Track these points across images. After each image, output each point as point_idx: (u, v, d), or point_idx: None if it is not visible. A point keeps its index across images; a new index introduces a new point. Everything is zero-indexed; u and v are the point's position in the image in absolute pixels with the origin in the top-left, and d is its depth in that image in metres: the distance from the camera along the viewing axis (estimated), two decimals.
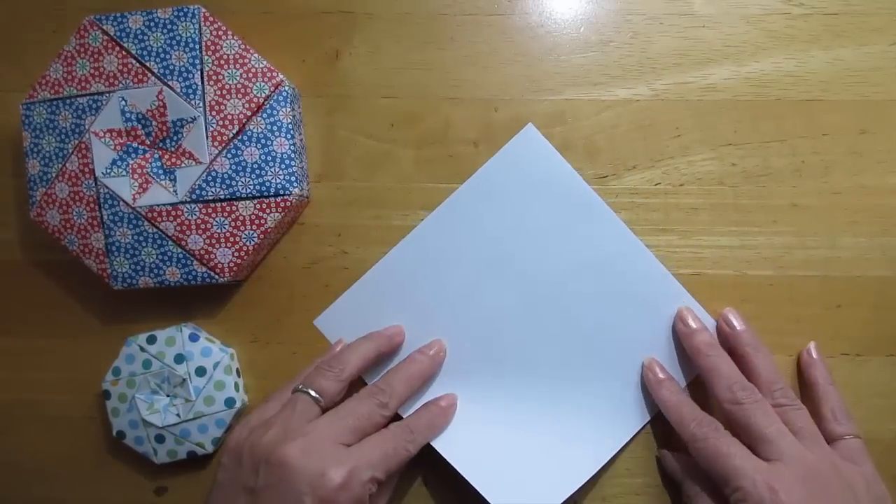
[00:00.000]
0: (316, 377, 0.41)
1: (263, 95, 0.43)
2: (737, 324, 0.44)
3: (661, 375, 0.44)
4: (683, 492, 0.43)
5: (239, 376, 0.47)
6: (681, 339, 0.44)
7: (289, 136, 0.44)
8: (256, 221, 0.44)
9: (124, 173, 0.44)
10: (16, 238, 0.49)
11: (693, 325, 0.44)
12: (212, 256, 0.44)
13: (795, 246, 0.46)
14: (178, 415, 0.45)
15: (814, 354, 0.45)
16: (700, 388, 0.45)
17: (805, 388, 0.45)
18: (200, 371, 0.45)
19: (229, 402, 0.45)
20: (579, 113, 0.47)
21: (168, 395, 0.45)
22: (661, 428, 0.46)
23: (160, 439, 0.45)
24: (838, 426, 0.42)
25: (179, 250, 0.44)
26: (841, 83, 0.46)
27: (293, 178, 0.44)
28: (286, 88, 0.44)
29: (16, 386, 0.49)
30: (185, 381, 0.45)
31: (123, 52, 0.44)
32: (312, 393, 0.41)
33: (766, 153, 0.46)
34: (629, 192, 0.47)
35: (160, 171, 0.44)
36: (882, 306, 0.46)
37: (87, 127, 0.44)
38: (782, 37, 0.46)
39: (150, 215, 0.44)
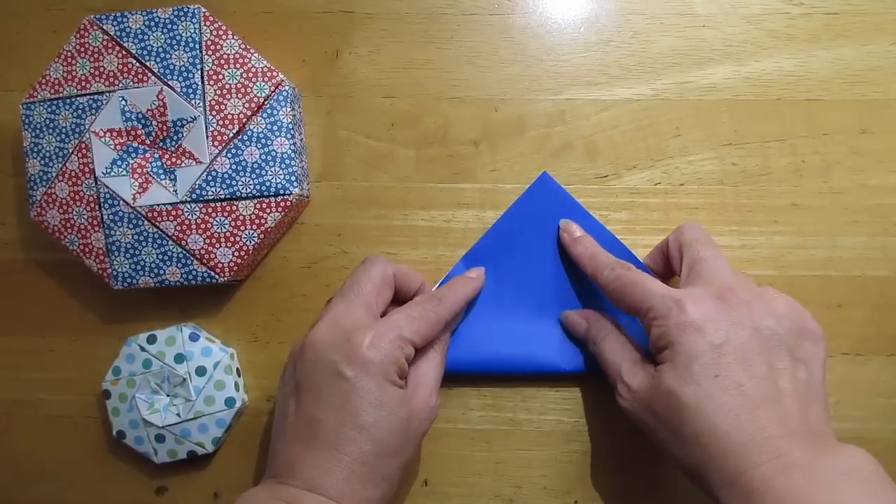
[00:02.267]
0: None
1: (263, 95, 0.43)
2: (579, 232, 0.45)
3: (576, 234, 0.45)
4: (589, 340, 0.43)
5: (239, 376, 0.47)
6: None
7: (289, 135, 0.44)
8: (256, 221, 0.44)
9: (124, 173, 0.44)
10: (16, 238, 0.49)
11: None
12: (212, 256, 0.44)
13: (796, 246, 0.46)
14: (178, 414, 0.45)
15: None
16: None
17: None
18: (201, 371, 0.45)
19: (229, 402, 0.45)
20: (579, 113, 0.47)
21: (168, 395, 0.45)
22: None
23: (160, 439, 0.45)
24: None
25: (180, 250, 0.44)
26: (841, 83, 0.46)
27: (293, 178, 0.44)
28: (286, 88, 0.44)
29: (16, 386, 0.49)
30: (185, 380, 0.45)
31: (123, 52, 0.44)
32: None
33: (766, 153, 0.46)
34: (629, 191, 0.46)
35: (160, 171, 0.44)
36: (882, 306, 0.46)
37: (87, 126, 0.44)
38: (783, 36, 0.46)
39: (150, 215, 0.44)
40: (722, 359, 0.36)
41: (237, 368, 0.47)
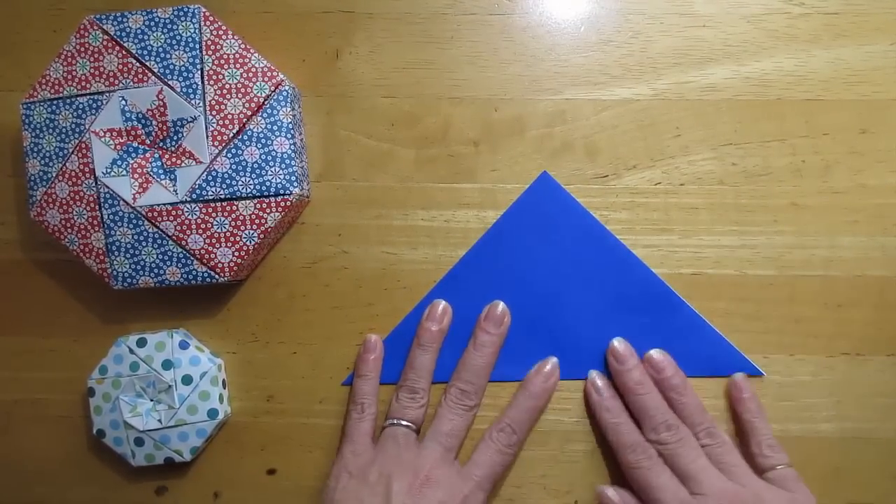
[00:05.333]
0: (404, 409, 0.44)
1: (263, 95, 0.43)
2: (666, 368, 0.45)
3: (604, 395, 0.45)
4: None
5: (224, 388, 0.47)
6: (611, 375, 0.45)
7: (289, 135, 0.44)
8: (257, 221, 0.44)
9: (124, 173, 0.44)
10: (16, 238, 0.49)
11: (625, 363, 0.45)
12: (212, 256, 0.44)
13: (796, 245, 0.46)
14: (159, 420, 0.45)
15: (741, 390, 0.45)
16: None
17: (733, 418, 0.46)
18: (187, 379, 0.45)
19: (212, 413, 0.45)
20: (579, 113, 0.47)
21: (152, 400, 0.45)
22: None
23: (139, 442, 0.45)
24: (766, 459, 0.43)
25: (180, 250, 0.44)
26: (841, 83, 0.46)
27: (293, 178, 0.44)
28: (286, 88, 0.44)
29: (16, 386, 0.49)
30: (170, 387, 0.45)
31: (123, 52, 0.44)
32: (405, 423, 0.44)
33: (766, 153, 0.46)
34: (629, 191, 0.46)
35: (160, 171, 0.44)
36: (882, 306, 0.46)
37: (87, 126, 0.44)
38: (783, 36, 0.46)
39: (150, 215, 0.44)
40: None
41: (223, 380, 0.47)
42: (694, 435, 0.43)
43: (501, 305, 0.46)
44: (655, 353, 0.45)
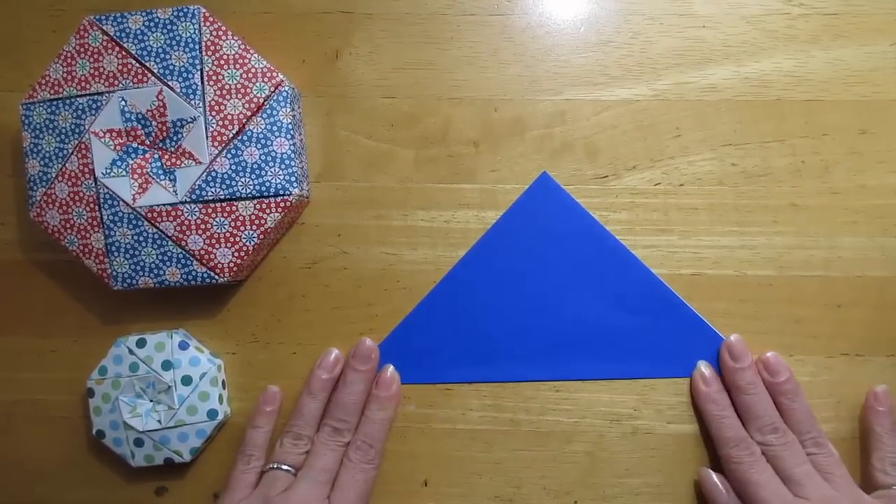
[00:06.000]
0: (286, 454, 0.44)
1: (263, 95, 0.43)
2: (782, 372, 0.44)
3: (712, 386, 0.44)
4: None
5: (224, 388, 0.47)
6: (722, 371, 0.45)
7: (289, 136, 0.44)
8: (256, 221, 0.44)
9: (124, 173, 0.44)
10: (16, 238, 0.49)
11: (740, 361, 0.44)
12: (212, 256, 0.44)
13: (795, 246, 0.46)
14: (159, 421, 0.45)
15: (879, 402, 0.44)
16: None
17: (863, 427, 0.45)
18: (186, 380, 0.45)
19: (212, 414, 0.45)
20: (579, 113, 0.47)
21: (151, 401, 0.45)
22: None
23: (139, 443, 0.45)
24: (887, 476, 0.42)
25: (179, 250, 0.44)
26: (841, 83, 0.46)
27: (293, 178, 0.44)
28: (286, 88, 0.44)
29: (16, 386, 0.49)
30: (170, 388, 0.45)
31: (123, 53, 0.44)
32: (285, 467, 0.43)
33: (766, 153, 0.46)
34: (629, 192, 0.47)
35: (160, 171, 0.44)
36: (882, 306, 0.46)
37: (86, 127, 0.44)
38: (782, 37, 0.46)
39: (149, 215, 0.44)
40: None
41: (223, 381, 0.47)
42: (800, 443, 0.42)
43: (368, 342, 0.46)
44: (772, 357, 0.44)
